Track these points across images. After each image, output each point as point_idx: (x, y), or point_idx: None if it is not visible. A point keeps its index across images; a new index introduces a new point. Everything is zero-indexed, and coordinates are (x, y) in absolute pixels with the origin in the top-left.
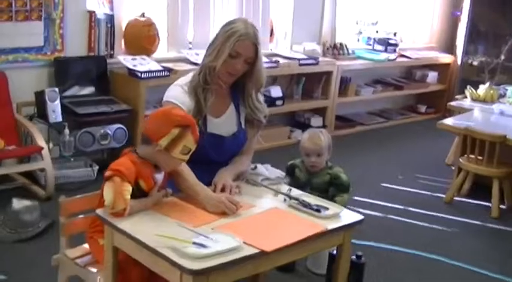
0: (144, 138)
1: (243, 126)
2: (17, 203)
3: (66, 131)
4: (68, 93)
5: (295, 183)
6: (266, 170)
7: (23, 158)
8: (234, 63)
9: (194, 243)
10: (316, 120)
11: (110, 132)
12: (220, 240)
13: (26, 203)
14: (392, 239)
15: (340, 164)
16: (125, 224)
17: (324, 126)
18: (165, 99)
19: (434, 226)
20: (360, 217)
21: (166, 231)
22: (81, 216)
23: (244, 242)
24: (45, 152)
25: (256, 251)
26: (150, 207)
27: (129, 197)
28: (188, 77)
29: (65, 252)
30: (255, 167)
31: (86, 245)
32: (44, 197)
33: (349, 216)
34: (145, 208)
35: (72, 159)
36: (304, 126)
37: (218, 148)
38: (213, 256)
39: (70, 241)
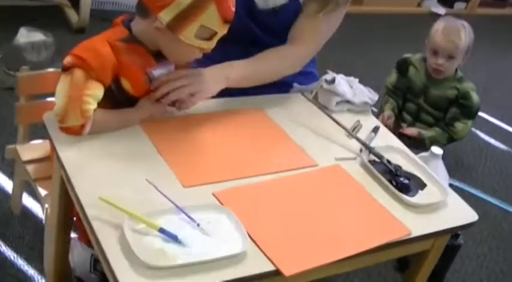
0: (140, 5)
1: None
2: (24, 35)
3: None
4: None
5: (405, 86)
6: (349, 86)
7: None
8: None
9: (162, 231)
10: None
11: None
12: (211, 232)
13: (37, 36)
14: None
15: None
16: (70, 154)
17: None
18: None
19: None
20: (473, 217)
21: (126, 190)
22: (50, 99)
23: (251, 238)
24: None
25: (268, 269)
26: (134, 124)
27: (92, 106)
28: None
29: (17, 147)
30: (333, 80)
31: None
32: (76, 27)
33: (455, 211)
34: (122, 126)
35: None
36: None
37: (259, 22)
38: (186, 267)
39: (32, 131)
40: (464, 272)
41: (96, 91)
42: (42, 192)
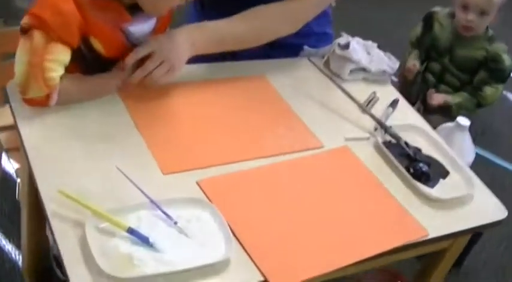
0: None
1: None
2: None
3: None
4: None
5: (429, 43)
6: (366, 52)
7: None
8: None
9: (131, 232)
10: None
11: None
12: (190, 232)
13: None
14: None
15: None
16: (32, 130)
17: None
18: None
19: None
20: (502, 214)
21: (91, 181)
22: None
23: (238, 240)
24: None
25: (255, 280)
26: (111, 93)
27: (56, 73)
28: None
29: None
30: (347, 45)
31: None
32: None
33: (482, 206)
34: (96, 95)
35: None
36: None
37: None
38: (155, 277)
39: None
40: (486, 254)
41: (60, 55)
42: (15, 165)
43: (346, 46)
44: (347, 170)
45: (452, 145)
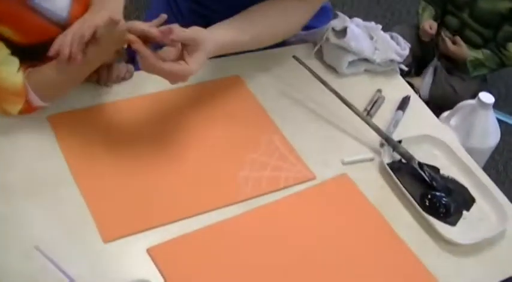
0: None
1: None
2: None
3: None
4: None
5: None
6: (369, 36)
7: None
8: None
9: None
10: None
11: None
12: None
13: None
14: None
15: None
16: None
17: None
18: None
19: None
20: None
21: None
22: None
23: None
24: None
25: None
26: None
27: (8, 73)
28: None
29: None
30: (343, 31)
31: None
32: None
33: None
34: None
35: None
36: None
37: None
38: None
39: None
40: None
41: None
42: None
43: (343, 33)
44: (346, 212)
45: (474, 126)
